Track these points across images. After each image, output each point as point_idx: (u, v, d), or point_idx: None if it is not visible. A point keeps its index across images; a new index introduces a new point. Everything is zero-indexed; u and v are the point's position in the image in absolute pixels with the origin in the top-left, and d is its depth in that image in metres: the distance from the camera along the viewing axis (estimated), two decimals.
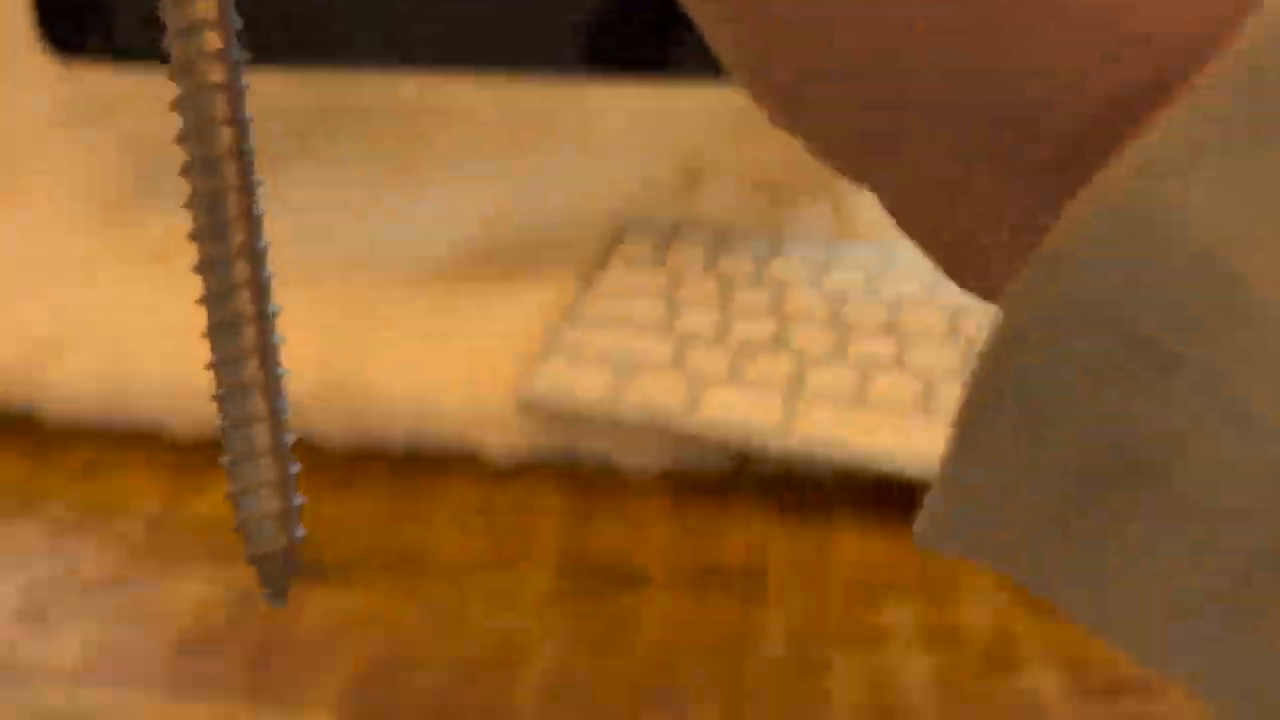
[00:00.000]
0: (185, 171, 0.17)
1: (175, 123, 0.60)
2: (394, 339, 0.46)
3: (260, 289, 0.17)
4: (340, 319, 0.47)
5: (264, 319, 0.17)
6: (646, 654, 0.37)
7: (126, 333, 0.47)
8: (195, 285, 0.49)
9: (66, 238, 0.52)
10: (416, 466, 0.44)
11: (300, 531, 0.18)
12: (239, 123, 0.17)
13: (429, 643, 0.37)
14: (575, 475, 0.44)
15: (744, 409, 0.42)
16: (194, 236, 0.17)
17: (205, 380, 0.45)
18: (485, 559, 0.41)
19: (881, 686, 0.35)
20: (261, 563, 0.18)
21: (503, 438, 0.44)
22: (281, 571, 0.18)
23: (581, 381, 0.44)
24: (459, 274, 0.50)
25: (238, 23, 0.16)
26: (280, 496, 0.18)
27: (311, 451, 0.46)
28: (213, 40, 0.16)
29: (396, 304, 0.48)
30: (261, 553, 0.18)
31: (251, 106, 0.62)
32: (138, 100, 0.61)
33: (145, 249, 0.51)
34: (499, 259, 0.51)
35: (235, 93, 0.17)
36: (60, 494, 0.44)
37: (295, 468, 0.18)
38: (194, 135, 0.16)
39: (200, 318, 0.47)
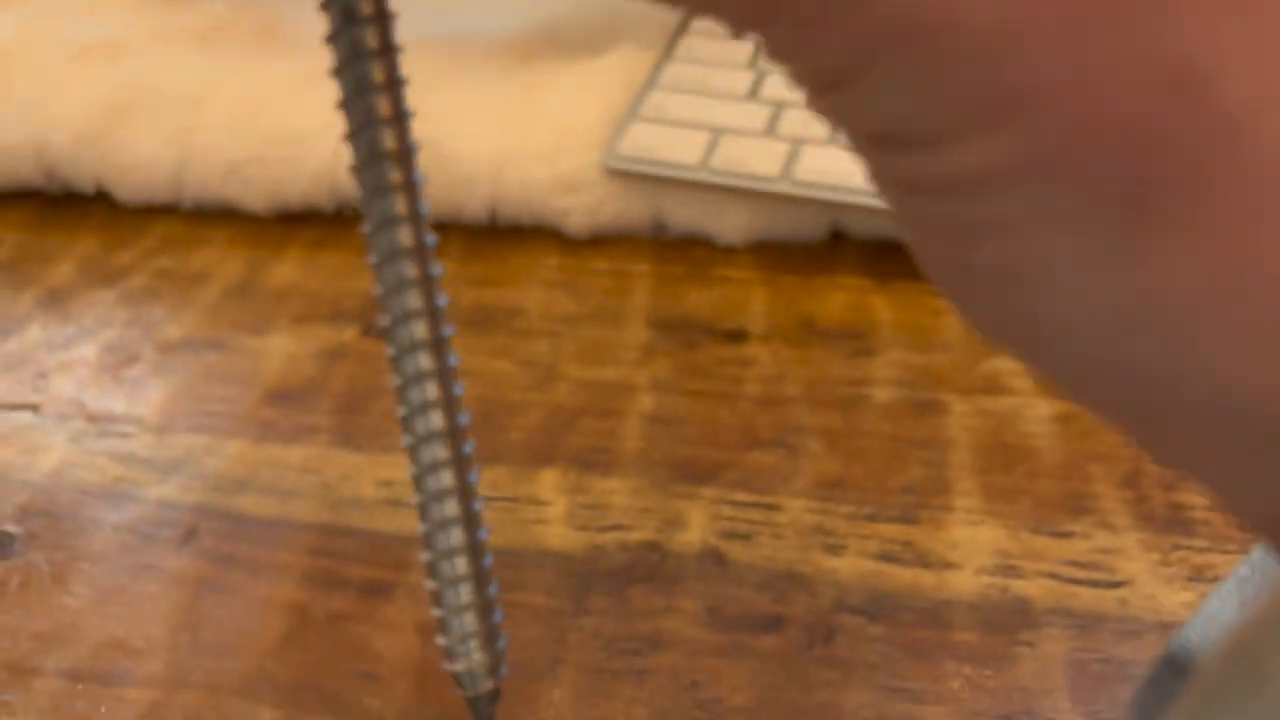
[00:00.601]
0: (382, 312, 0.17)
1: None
2: (473, 109, 0.44)
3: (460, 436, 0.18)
4: (419, 93, 0.44)
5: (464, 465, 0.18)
6: (752, 399, 0.35)
7: (185, 105, 0.45)
8: (249, 64, 0.47)
9: (121, 17, 0.50)
10: (499, 235, 0.43)
11: (504, 670, 0.20)
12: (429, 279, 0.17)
13: (526, 391, 0.36)
14: (663, 243, 0.42)
15: (842, 168, 0.40)
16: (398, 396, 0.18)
17: (269, 151, 0.43)
18: (576, 316, 0.39)
19: (1002, 427, 0.33)
20: (473, 702, 0.19)
21: (587, 205, 0.42)
22: (489, 703, 0.20)
23: (669, 144, 0.42)
24: (538, 44, 0.47)
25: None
26: (488, 644, 0.19)
27: None
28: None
29: (475, 75, 0.46)
30: (473, 696, 0.19)
31: None
32: None
33: (201, 29, 0.49)
34: (579, 28, 0.48)
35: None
36: (136, 268, 0.42)
37: (495, 592, 0.19)
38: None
39: (261, 99, 0.45)
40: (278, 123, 0.44)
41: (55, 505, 0.33)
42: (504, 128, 0.43)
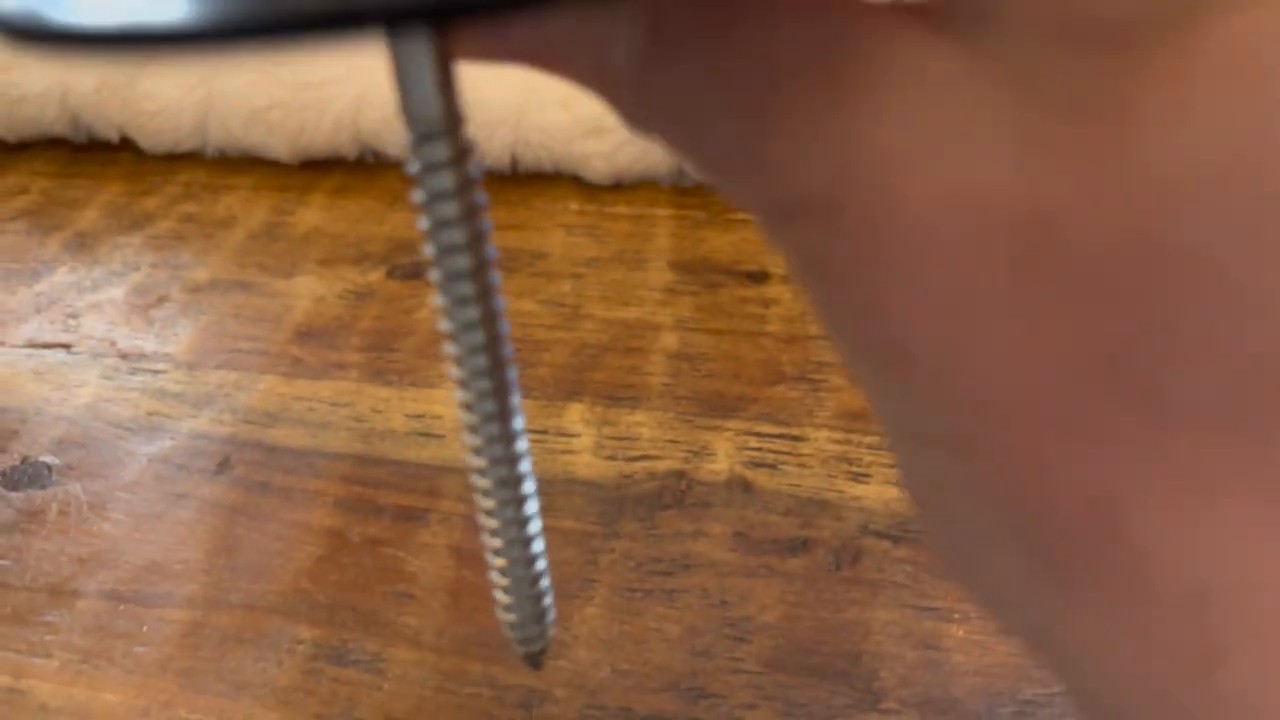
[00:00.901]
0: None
1: None
2: None
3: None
4: None
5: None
6: (774, 336, 0.35)
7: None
8: None
9: None
10: (521, 180, 0.43)
11: (553, 628, 0.19)
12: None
13: (551, 330, 0.36)
14: (683, 188, 0.42)
15: None
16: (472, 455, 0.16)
17: (292, 97, 0.44)
18: (598, 258, 0.39)
19: None
20: (529, 658, 0.19)
21: (608, 150, 0.43)
22: (541, 653, 0.20)
23: None
24: None
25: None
26: (541, 605, 0.19)
27: None
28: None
29: None
30: (529, 653, 0.19)
31: None
32: None
33: None
34: None
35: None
36: (162, 213, 0.43)
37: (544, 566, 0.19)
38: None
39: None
40: (300, 70, 0.44)
41: (90, 438, 0.33)
42: (525, 73, 0.44)
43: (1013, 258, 0.10)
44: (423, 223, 0.13)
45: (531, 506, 0.18)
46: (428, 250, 0.14)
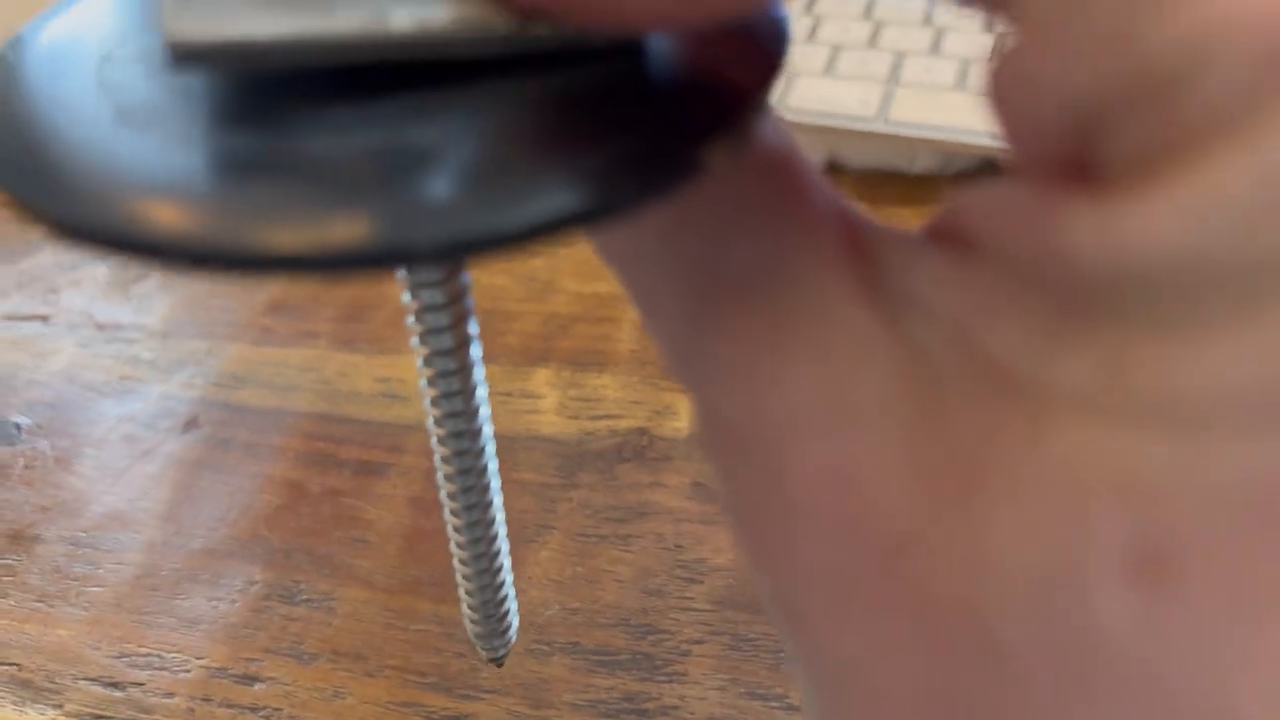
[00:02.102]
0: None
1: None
2: None
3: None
4: None
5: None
6: None
7: None
8: None
9: None
10: None
11: (515, 635, 0.20)
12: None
13: (522, 302, 0.36)
14: None
15: (838, 96, 0.41)
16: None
17: None
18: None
19: None
20: (493, 660, 0.20)
21: None
22: (504, 656, 0.20)
23: None
24: None
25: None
26: (504, 617, 0.20)
27: None
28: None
29: None
30: (492, 657, 0.20)
31: None
32: None
33: None
34: None
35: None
36: None
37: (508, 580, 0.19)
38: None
39: None
40: None
41: (62, 400, 0.34)
42: None
43: (882, 565, 0.10)
44: (416, 331, 0.15)
45: (500, 526, 0.18)
46: (417, 340, 0.15)
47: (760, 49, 0.13)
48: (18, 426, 0.33)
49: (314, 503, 0.29)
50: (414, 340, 0.15)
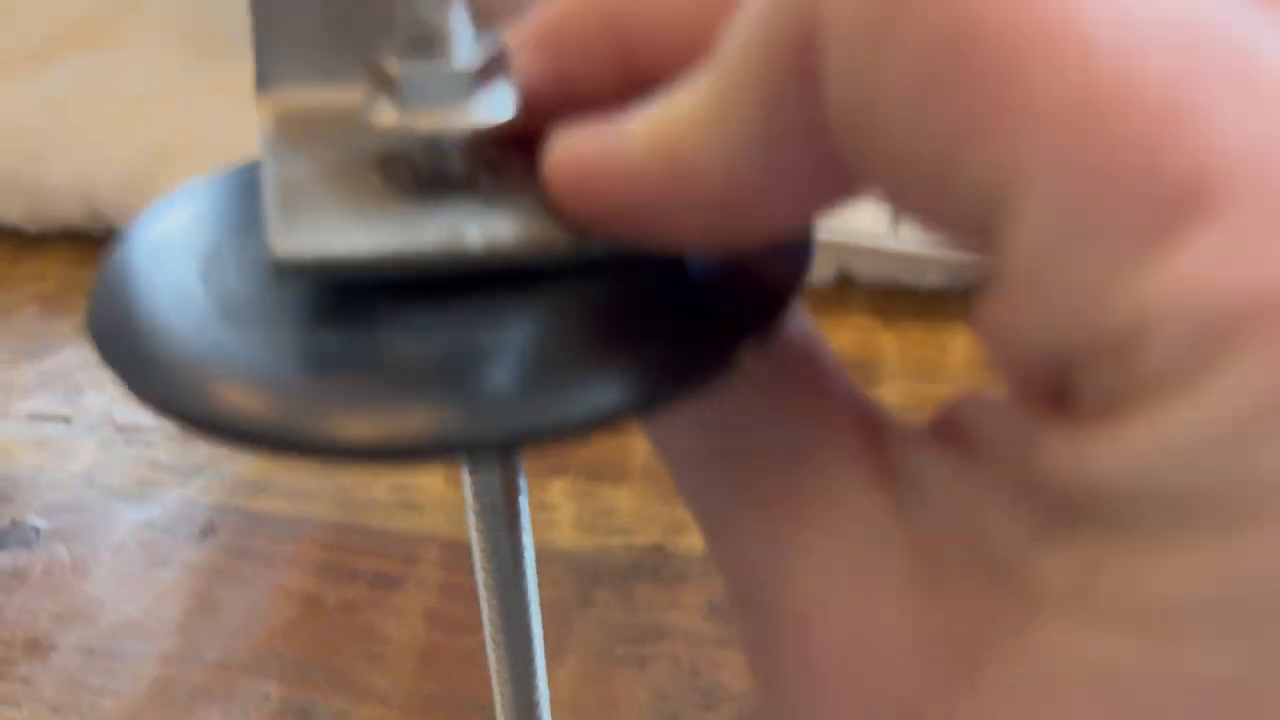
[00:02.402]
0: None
1: None
2: None
3: None
4: None
5: None
6: None
7: (229, 151, 0.47)
8: None
9: (171, 73, 0.53)
10: None
11: None
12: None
13: None
14: None
15: (851, 212, 0.41)
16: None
17: None
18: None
19: None
20: None
21: None
22: None
23: None
24: None
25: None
26: None
27: None
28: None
29: None
30: None
31: None
32: None
33: (243, 83, 0.52)
34: None
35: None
36: None
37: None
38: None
39: None
40: None
41: (81, 503, 0.34)
42: None
43: None
44: (473, 508, 0.17)
45: (541, 675, 0.20)
46: (471, 516, 0.17)
47: (789, 256, 0.14)
48: (37, 530, 0.33)
49: (330, 615, 0.29)
50: (470, 514, 0.17)
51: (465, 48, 0.14)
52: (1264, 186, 0.09)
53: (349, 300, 0.13)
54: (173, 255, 0.15)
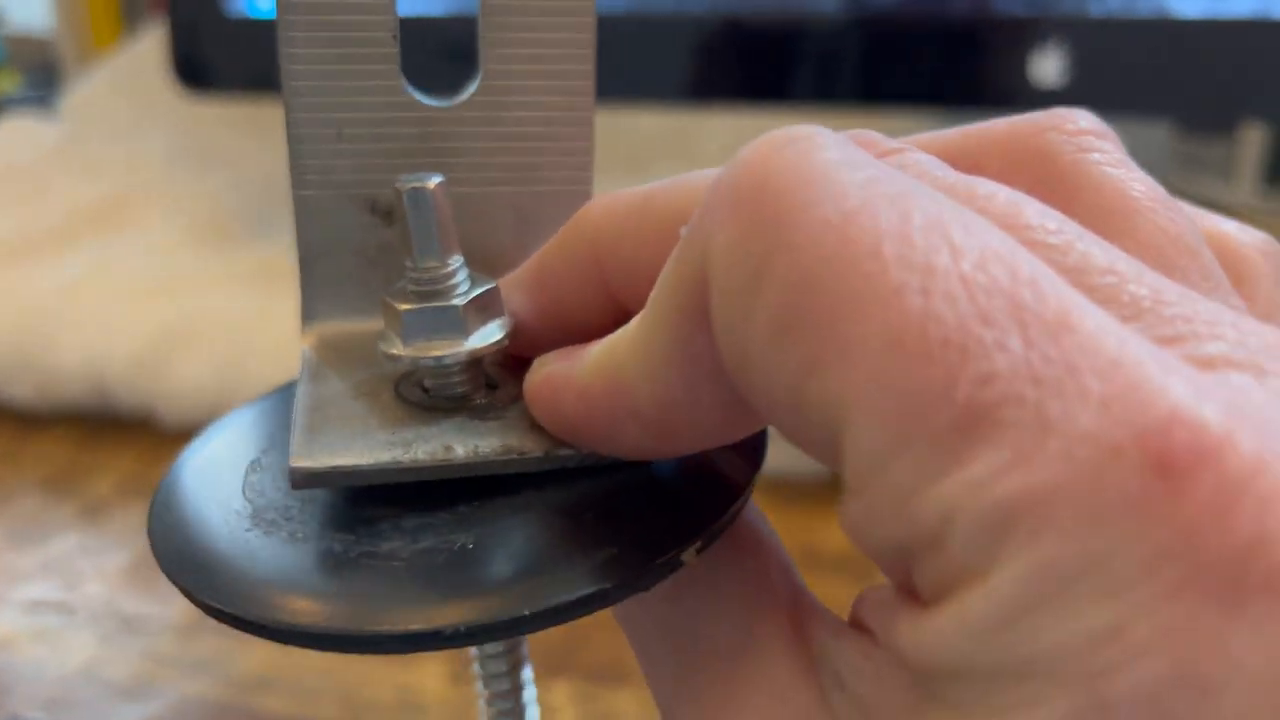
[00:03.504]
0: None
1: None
2: None
3: None
4: None
5: None
6: None
7: (238, 336, 0.48)
8: (295, 299, 0.51)
9: (182, 259, 0.54)
10: None
11: None
12: None
13: None
14: None
15: None
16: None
17: None
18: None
19: None
20: None
21: None
22: None
23: None
24: None
25: None
26: None
27: None
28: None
29: None
30: None
31: None
32: (245, 141, 0.64)
33: (253, 270, 0.54)
34: None
35: None
36: None
37: None
38: None
39: None
40: None
41: (81, 699, 0.34)
42: None
43: None
44: (479, 677, 0.20)
45: None
46: (479, 691, 0.20)
47: (744, 455, 0.17)
48: None
49: None
50: (479, 689, 0.20)
51: (461, 290, 0.17)
52: (1035, 411, 0.11)
53: (359, 505, 0.16)
54: (223, 464, 0.18)
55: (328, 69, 0.18)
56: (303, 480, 0.16)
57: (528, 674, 0.20)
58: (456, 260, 0.17)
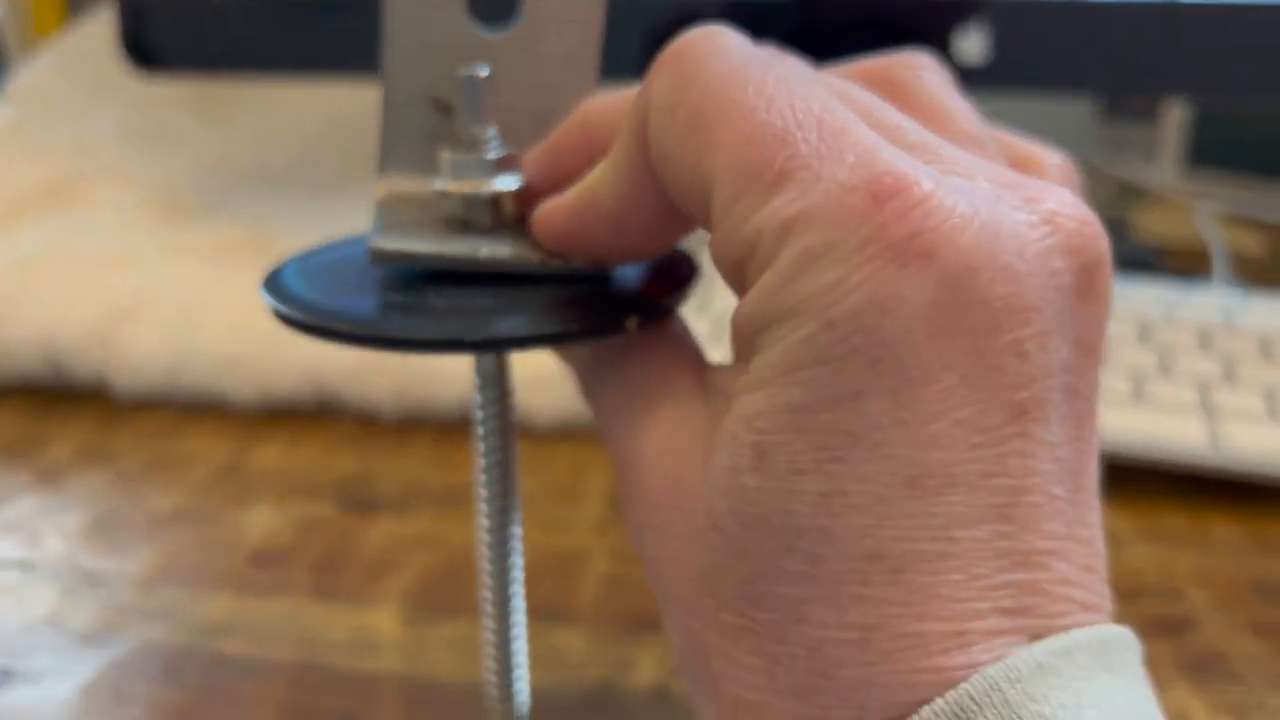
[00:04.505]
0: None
1: (229, 147, 0.64)
2: None
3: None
4: None
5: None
6: None
7: (188, 309, 0.50)
8: (246, 274, 0.52)
9: (133, 235, 0.55)
10: (467, 428, 0.47)
11: (526, 700, 0.29)
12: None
13: None
14: None
15: None
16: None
17: (262, 352, 0.48)
18: (537, 493, 0.43)
19: None
20: None
21: (552, 402, 0.47)
22: None
23: None
24: None
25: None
26: (513, 687, 0.29)
27: (370, 419, 0.48)
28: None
29: None
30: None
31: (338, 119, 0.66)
32: (195, 121, 0.65)
33: (204, 246, 0.55)
34: None
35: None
36: (130, 451, 0.46)
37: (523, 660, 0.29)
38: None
39: (256, 304, 0.50)
40: (272, 325, 0.48)
41: (45, 645, 0.35)
42: None
43: (689, 520, 0.21)
44: (478, 420, 0.26)
45: (519, 599, 0.28)
46: (479, 432, 0.26)
47: (674, 283, 0.25)
48: (4, 672, 0.34)
49: None
50: (476, 411, 0.26)
51: (493, 150, 0.25)
52: (814, 171, 0.18)
53: (411, 278, 0.25)
54: (321, 266, 0.26)
55: (418, 7, 0.25)
56: (377, 257, 0.24)
57: (514, 423, 0.27)
58: (492, 131, 0.25)
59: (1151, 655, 0.35)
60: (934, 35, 0.54)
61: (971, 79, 0.51)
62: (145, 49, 0.54)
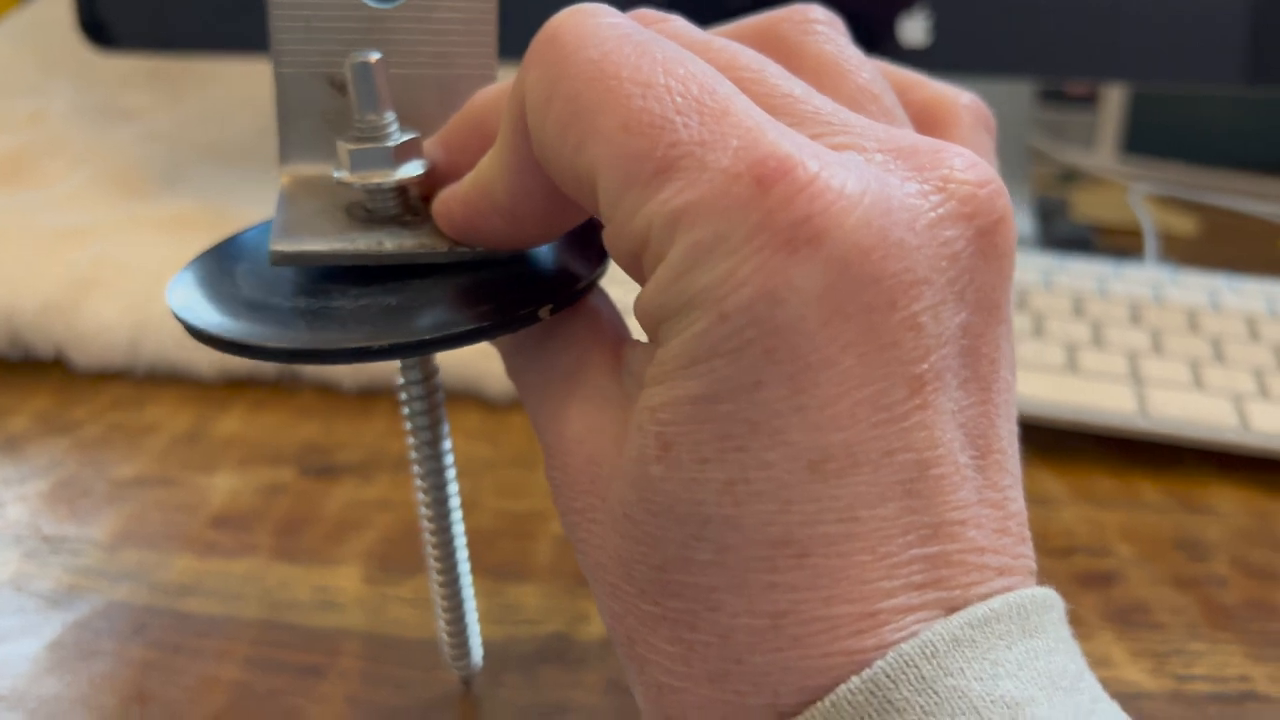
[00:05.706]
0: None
1: (185, 122, 0.64)
2: None
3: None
4: None
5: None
6: None
7: (147, 281, 0.50)
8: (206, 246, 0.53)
9: (90, 209, 0.56)
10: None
11: (479, 653, 0.31)
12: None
13: None
14: None
15: None
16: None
17: None
18: (495, 461, 0.44)
19: None
20: (462, 680, 0.32)
21: (501, 373, 0.48)
22: (469, 677, 0.32)
23: None
24: None
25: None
26: (466, 643, 0.31)
27: (330, 388, 0.49)
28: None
29: None
30: (461, 676, 0.32)
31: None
32: (151, 97, 0.65)
33: (161, 219, 0.55)
34: None
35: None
36: (90, 421, 0.46)
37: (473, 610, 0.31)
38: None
39: None
40: None
41: (10, 607, 0.36)
42: None
43: (603, 497, 0.20)
44: (404, 401, 0.27)
45: (464, 564, 0.29)
46: (405, 413, 0.27)
47: (586, 263, 0.24)
48: None
49: (259, 701, 0.32)
50: (404, 409, 0.27)
51: (394, 138, 0.24)
52: (698, 159, 0.18)
53: (317, 279, 0.23)
54: (220, 268, 0.25)
55: None
56: (279, 259, 0.23)
57: (441, 399, 0.27)
58: (390, 116, 0.24)
59: (1080, 608, 0.37)
60: (877, 18, 0.55)
61: (914, 61, 0.52)
62: (101, 26, 0.55)
